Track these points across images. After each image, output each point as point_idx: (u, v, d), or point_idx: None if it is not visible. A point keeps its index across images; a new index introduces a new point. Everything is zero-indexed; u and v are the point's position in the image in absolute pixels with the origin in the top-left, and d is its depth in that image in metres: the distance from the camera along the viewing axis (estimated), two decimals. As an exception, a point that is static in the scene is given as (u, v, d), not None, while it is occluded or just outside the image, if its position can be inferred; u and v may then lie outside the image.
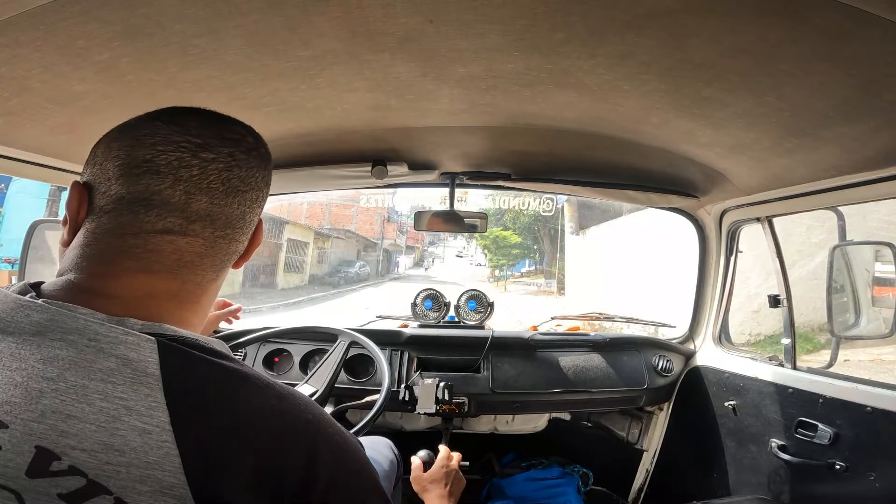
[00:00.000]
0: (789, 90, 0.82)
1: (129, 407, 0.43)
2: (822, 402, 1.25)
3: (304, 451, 0.49)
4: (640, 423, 1.91)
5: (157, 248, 0.51)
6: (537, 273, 17.63)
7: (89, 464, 0.41)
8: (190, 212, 0.51)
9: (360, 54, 0.82)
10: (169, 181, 0.50)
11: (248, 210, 0.56)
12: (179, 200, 0.50)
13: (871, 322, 1.32)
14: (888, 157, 0.97)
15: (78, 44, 0.73)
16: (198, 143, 0.51)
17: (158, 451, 0.42)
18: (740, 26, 0.66)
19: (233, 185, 0.53)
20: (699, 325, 1.84)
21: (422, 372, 1.66)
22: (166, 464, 0.42)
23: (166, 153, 0.50)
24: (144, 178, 0.50)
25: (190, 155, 0.51)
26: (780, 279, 1.48)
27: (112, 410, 0.42)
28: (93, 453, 0.41)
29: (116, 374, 0.43)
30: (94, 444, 0.41)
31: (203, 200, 0.51)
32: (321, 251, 16.87)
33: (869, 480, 1.11)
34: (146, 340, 0.45)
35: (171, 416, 0.43)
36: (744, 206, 1.54)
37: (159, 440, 0.42)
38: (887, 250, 1.22)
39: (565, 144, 1.30)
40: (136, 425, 0.42)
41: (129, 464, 0.42)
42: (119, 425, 0.42)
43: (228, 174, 0.53)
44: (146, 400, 0.43)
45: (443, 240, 22.71)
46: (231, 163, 0.53)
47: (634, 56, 0.78)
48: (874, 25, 0.60)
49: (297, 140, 1.27)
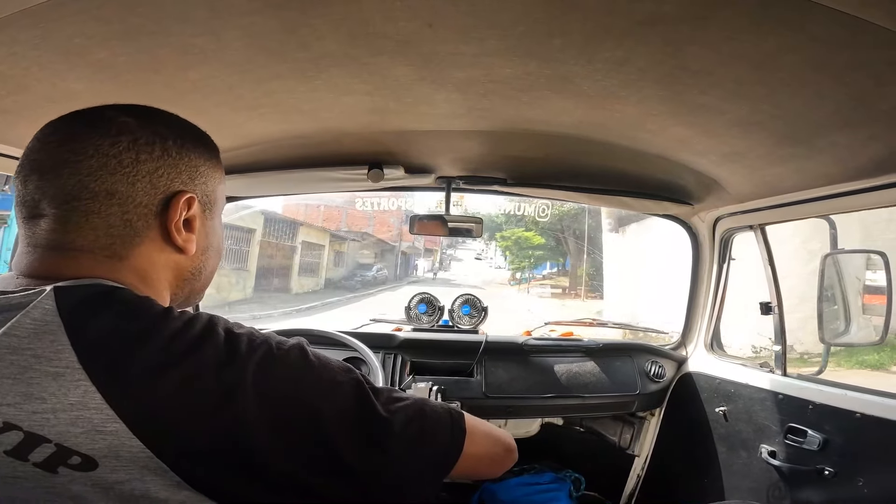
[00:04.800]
0: (784, 99, 0.83)
1: (38, 355, 0.43)
2: (812, 408, 1.26)
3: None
4: (632, 428, 1.91)
5: (33, 234, 0.53)
6: (559, 276, 17.17)
7: (19, 416, 0.42)
8: (30, 194, 0.53)
9: (359, 57, 0.82)
10: (24, 172, 0.54)
11: (92, 179, 0.51)
12: (21, 187, 0.53)
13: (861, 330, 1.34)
14: (880, 166, 0.99)
15: (75, 42, 0.73)
16: (48, 131, 0.54)
17: (76, 390, 0.43)
18: (737, 34, 0.67)
19: (61, 158, 0.52)
20: (691, 332, 1.85)
21: (415, 376, 1.66)
22: (89, 402, 0.43)
23: (27, 149, 0.55)
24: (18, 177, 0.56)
25: (36, 142, 0.54)
26: (772, 287, 1.50)
27: (22, 362, 0.43)
28: (17, 406, 0.42)
29: (19, 328, 0.44)
30: (15, 396, 0.42)
31: (34, 179, 0.52)
32: (337, 254, 16.32)
33: (858, 486, 1.12)
34: (42, 291, 0.47)
35: (77, 354, 0.44)
36: (737, 214, 1.55)
37: (73, 380, 0.43)
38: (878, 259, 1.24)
39: (561, 150, 1.30)
40: (47, 370, 0.43)
41: (55, 409, 0.42)
42: (32, 374, 0.43)
43: (59, 148, 0.53)
44: (52, 345, 0.44)
45: (461, 242, 22.17)
46: (65, 139, 0.53)
47: (631, 62, 0.79)
48: (868, 34, 0.60)
49: (294, 141, 1.27)
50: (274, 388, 0.49)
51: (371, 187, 1.58)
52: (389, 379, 1.64)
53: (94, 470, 0.43)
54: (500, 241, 18.00)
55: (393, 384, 1.63)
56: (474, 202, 19.10)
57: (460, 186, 1.65)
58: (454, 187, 1.64)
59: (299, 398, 0.50)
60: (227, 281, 10.47)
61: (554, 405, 1.72)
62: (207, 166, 0.61)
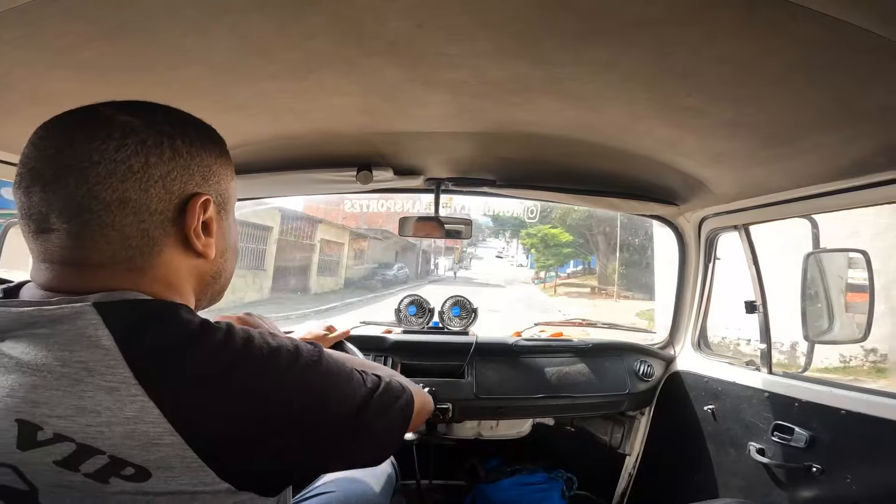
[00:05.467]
0: (768, 100, 0.85)
1: (90, 368, 0.44)
2: (798, 405, 1.28)
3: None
4: (623, 427, 1.93)
5: (45, 251, 0.50)
6: (586, 274, 16.58)
7: (71, 428, 0.43)
8: (35, 207, 0.49)
9: (350, 57, 0.81)
10: (24, 184, 0.50)
11: (102, 188, 0.48)
12: (24, 200, 0.50)
13: (844, 327, 1.36)
14: (862, 167, 1.01)
15: (60, 42, 0.72)
16: (42, 135, 0.51)
17: (132, 404, 0.43)
18: (722, 37, 0.68)
19: (64, 165, 0.48)
20: (679, 331, 1.87)
21: None
22: (146, 416, 0.43)
23: (23, 156, 0.51)
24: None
25: (31, 148, 0.51)
26: (756, 286, 1.52)
27: (73, 374, 0.43)
28: (70, 418, 0.43)
29: (73, 343, 0.44)
30: (66, 409, 0.43)
31: (36, 191, 0.49)
32: (357, 252, 15.84)
33: (845, 483, 1.13)
34: (83, 302, 0.46)
35: (129, 366, 0.44)
36: (722, 214, 1.57)
37: (128, 394, 0.43)
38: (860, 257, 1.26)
39: (550, 151, 1.31)
40: (101, 384, 0.43)
41: (109, 423, 0.43)
42: (84, 387, 0.43)
43: (58, 154, 0.49)
44: (104, 359, 0.44)
45: (481, 240, 21.78)
46: (62, 143, 0.49)
47: (619, 65, 0.80)
48: (850, 35, 0.62)
49: (283, 143, 1.26)
50: (308, 392, 0.53)
51: (360, 189, 1.58)
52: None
53: (147, 480, 0.44)
54: (526, 239, 17.45)
55: None
56: (495, 201, 18.50)
57: (449, 188, 1.65)
58: (443, 189, 1.64)
59: (325, 405, 0.54)
60: (242, 281, 10.15)
61: (545, 405, 1.72)
62: (219, 164, 0.58)
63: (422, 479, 1.69)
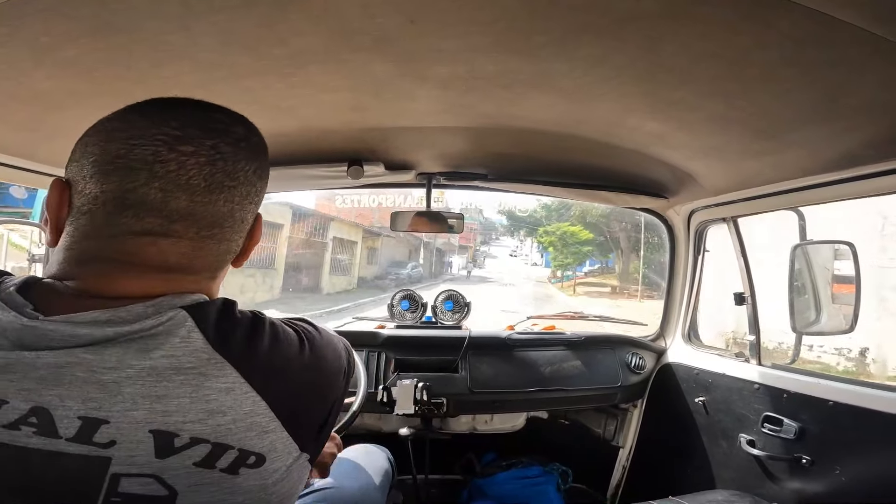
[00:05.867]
0: (758, 94, 0.85)
1: (203, 373, 0.46)
2: (787, 396, 1.30)
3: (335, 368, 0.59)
4: (616, 420, 1.95)
5: (139, 251, 0.49)
6: (604, 273, 16.12)
7: (205, 431, 0.45)
8: (169, 210, 0.48)
9: (338, 53, 0.81)
10: (143, 178, 0.47)
11: (239, 207, 0.53)
12: (156, 199, 0.48)
13: (831, 318, 1.38)
14: (850, 159, 1.02)
15: (43, 40, 0.70)
16: (176, 135, 0.48)
17: (246, 401, 0.47)
18: (712, 31, 0.68)
19: (216, 181, 0.50)
20: (669, 324, 1.89)
21: (399, 373, 1.66)
22: (258, 409, 0.48)
23: (140, 147, 0.47)
24: (116, 175, 0.48)
25: (166, 149, 0.48)
26: (745, 278, 1.54)
27: (192, 381, 0.45)
28: (203, 422, 0.45)
29: (172, 346, 0.46)
30: (197, 413, 0.45)
31: (182, 198, 0.48)
32: (371, 251, 15.44)
33: (835, 474, 1.15)
34: (172, 309, 0.47)
35: (235, 368, 0.47)
36: (711, 207, 1.58)
37: (242, 392, 0.47)
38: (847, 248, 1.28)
39: (541, 146, 1.31)
40: (219, 387, 0.46)
41: (234, 420, 0.46)
42: (206, 391, 0.45)
43: (211, 168, 0.49)
44: (210, 362, 0.46)
45: (494, 239, 21.53)
46: (214, 156, 0.49)
47: (610, 59, 0.80)
48: (839, 30, 0.62)
49: (272, 140, 1.22)
50: (329, 358, 0.59)
51: (351, 184, 1.57)
52: (374, 377, 1.63)
53: (264, 464, 0.48)
54: (543, 237, 17.08)
55: (377, 382, 1.62)
56: (511, 199, 17.87)
57: (441, 182, 1.65)
58: (435, 183, 1.64)
59: (341, 366, 0.61)
60: (252, 281, 9.88)
61: (538, 398, 1.73)
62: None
63: (418, 475, 1.70)
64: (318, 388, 0.56)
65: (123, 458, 0.42)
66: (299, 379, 0.53)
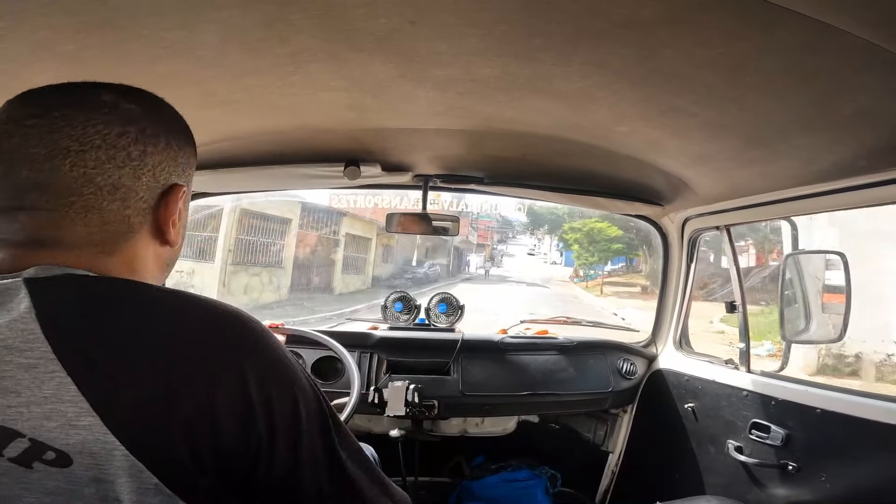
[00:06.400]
0: (752, 102, 0.86)
1: (9, 346, 0.41)
2: (775, 404, 1.31)
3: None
4: (606, 425, 1.95)
5: (3, 228, 0.48)
6: (631, 273, 15.34)
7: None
8: (16, 184, 0.47)
9: (338, 53, 0.81)
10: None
11: (97, 172, 0.48)
12: (3, 174, 0.48)
13: (821, 328, 1.39)
14: (842, 170, 1.03)
15: (42, 35, 0.70)
16: (29, 113, 0.48)
17: (49, 381, 0.41)
18: (710, 39, 0.69)
19: (60, 147, 0.47)
20: (661, 330, 1.90)
21: (391, 374, 1.65)
22: (63, 394, 0.41)
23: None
24: None
25: (14, 126, 0.48)
26: (737, 286, 1.55)
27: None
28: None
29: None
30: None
31: (23, 169, 0.47)
32: (386, 249, 14.60)
33: (821, 481, 1.16)
34: (14, 279, 0.44)
35: (51, 345, 0.41)
36: (705, 215, 1.60)
37: (46, 370, 0.41)
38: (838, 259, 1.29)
39: (538, 150, 1.32)
40: (20, 362, 0.41)
41: (28, 402, 0.41)
42: (4, 366, 0.41)
43: (54, 135, 0.47)
44: (23, 335, 0.42)
45: (511, 238, 21.09)
46: (59, 123, 0.48)
47: (608, 65, 0.80)
48: (836, 39, 0.63)
49: (269, 137, 1.25)
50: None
51: (347, 184, 1.57)
52: (366, 378, 1.62)
53: (70, 466, 0.41)
54: (569, 234, 16.16)
55: (369, 383, 1.62)
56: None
57: (437, 185, 1.65)
58: (431, 185, 1.64)
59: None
60: (257, 280, 9.35)
61: (530, 402, 1.73)
62: (194, 158, 0.60)
63: (407, 476, 1.69)
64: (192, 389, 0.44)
65: None
66: (161, 378, 0.43)
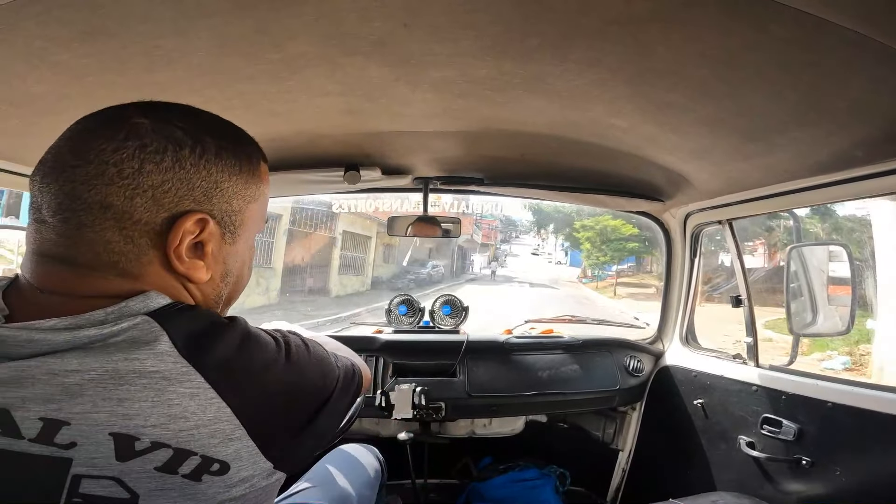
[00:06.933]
0: (746, 97, 0.86)
1: (167, 377, 0.45)
2: (785, 398, 1.29)
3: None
4: (614, 423, 1.94)
5: (37, 239, 0.50)
6: (638, 273, 14.82)
7: (166, 435, 0.45)
8: (34, 199, 0.50)
9: (333, 58, 0.81)
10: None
11: (85, 188, 0.47)
12: (31, 189, 0.51)
13: (828, 320, 1.38)
14: (840, 162, 1.02)
15: (36, 44, 0.71)
16: (62, 137, 0.51)
17: (211, 407, 0.47)
18: (702, 34, 0.69)
19: (60, 162, 0.48)
20: (667, 326, 1.89)
21: (398, 378, 1.65)
22: (222, 416, 0.47)
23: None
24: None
25: (54, 144, 0.51)
26: (741, 280, 1.54)
27: (154, 385, 0.45)
28: (164, 427, 0.45)
29: (137, 351, 0.45)
30: (158, 418, 0.45)
31: (36, 182, 0.50)
32: (387, 248, 13.87)
33: (835, 475, 1.15)
34: (141, 317, 0.47)
35: (201, 373, 0.47)
36: (706, 210, 1.59)
37: (207, 398, 0.47)
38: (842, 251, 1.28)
39: (537, 149, 1.32)
40: (182, 392, 0.46)
41: (197, 426, 0.46)
42: (170, 396, 0.45)
43: (58, 150, 0.49)
44: (176, 366, 0.46)
45: (515, 238, 20.92)
46: (70, 139, 0.50)
47: (603, 62, 0.80)
48: (829, 33, 0.62)
49: (267, 145, 1.22)
50: (313, 374, 0.59)
51: (348, 189, 1.57)
52: (372, 382, 1.63)
53: (228, 472, 0.48)
54: (581, 232, 15.68)
55: (375, 387, 1.62)
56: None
57: (438, 187, 1.66)
58: (432, 188, 1.65)
59: (324, 385, 0.61)
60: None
61: (537, 402, 1.73)
62: (234, 181, 0.54)
63: (416, 479, 1.69)
64: (287, 402, 0.54)
65: (84, 459, 0.43)
66: (269, 388, 0.52)
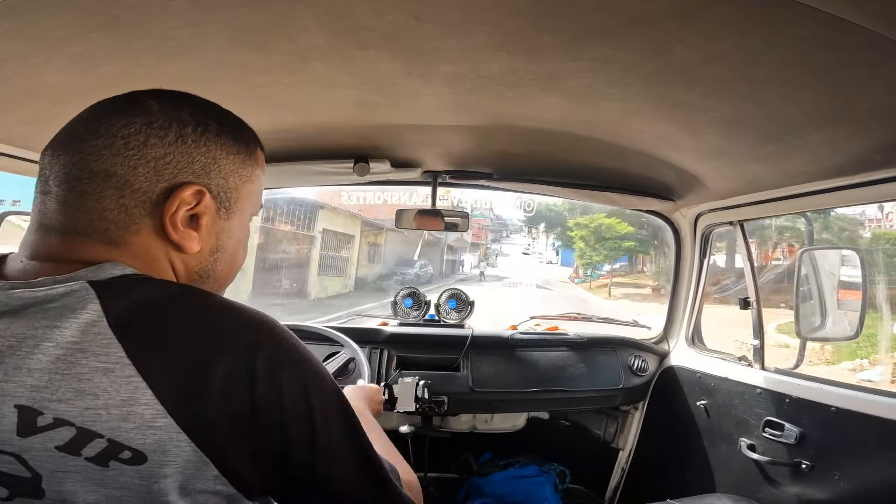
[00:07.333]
0: (765, 97, 0.85)
1: (84, 349, 0.42)
2: (789, 401, 1.29)
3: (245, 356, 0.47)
4: (616, 422, 1.94)
5: (41, 210, 0.51)
6: (632, 273, 14.64)
7: (71, 412, 0.42)
8: (42, 171, 0.52)
9: (345, 50, 0.81)
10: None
11: (93, 158, 0.49)
12: (41, 162, 0.53)
13: (836, 324, 1.37)
14: (858, 165, 1.01)
15: (54, 34, 0.71)
16: (76, 118, 0.53)
17: (127, 386, 0.42)
18: (721, 33, 0.68)
19: (73, 134, 0.51)
20: (673, 326, 1.88)
21: (401, 370, 1.66)
22: (140, 397, 0.42)
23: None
24: None
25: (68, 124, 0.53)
26: (751, 282, 1.53)
27: (69, 357, 0.42)
28: (69, 402, 0.42)
29: (62, 319, 0.43)
30: (65, 392, 0.42)
31: (47, 154, 0.52)
32: (372, 247, 13.31)
33: (834, 480, 1.14)
34: (76, 283, 0.45)
35: (125, 348, 0.43)
36: (718, 210, 1.58)
37: (123, 375, 0.42)
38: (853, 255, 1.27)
39: (547, 146, 1.31)
40: (96, 366, 0.42)
41: (107, 405, 0.42)
42: (80, 369, 0.42)
43: (77, 127, 0.51)
44: (96, 338, 0.43)
45: (505, 237, 20.76)
46: (84, 116, 0.52)
47: (618, 60, 0.79)
48: (852, 35, 0.61)
49: (278, 136, 1.25)
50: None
51: (357, 181, 1.57)
52: (376, 373, 1.63)
53: (145, 464, 0.43)
54: (575, 230, 15.32)
55: (379, 379, 1.63)
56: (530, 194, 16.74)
57: (447, 181, 1.65)
58: (440, 182, 1.64)
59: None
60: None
61: (539, 399, 1.73)
62: (231, 160, 0.56)
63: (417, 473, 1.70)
64: (253, 398, 0.46)
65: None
66: (223, 374, 0.44)
